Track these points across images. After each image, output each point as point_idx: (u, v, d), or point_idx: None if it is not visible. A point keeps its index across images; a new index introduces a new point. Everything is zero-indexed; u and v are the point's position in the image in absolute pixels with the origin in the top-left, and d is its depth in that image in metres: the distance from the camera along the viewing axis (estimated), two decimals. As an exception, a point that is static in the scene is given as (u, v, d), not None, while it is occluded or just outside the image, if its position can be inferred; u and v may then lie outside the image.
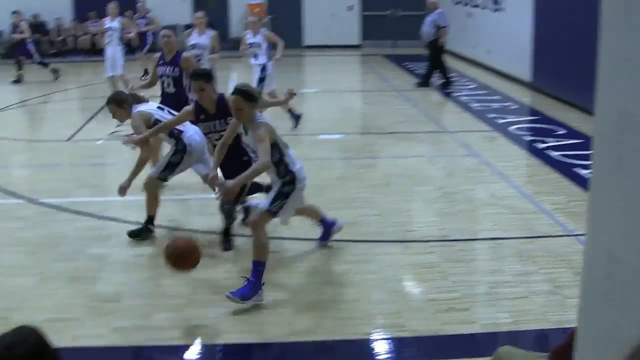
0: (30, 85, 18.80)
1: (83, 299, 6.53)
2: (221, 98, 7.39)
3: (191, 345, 5.81)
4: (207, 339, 5.87)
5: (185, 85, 9.53)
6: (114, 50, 15.90)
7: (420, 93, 17.17)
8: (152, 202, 7.87)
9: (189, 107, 7.70)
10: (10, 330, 2.75)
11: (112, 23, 16.08)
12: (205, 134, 7.59)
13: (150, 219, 7.88)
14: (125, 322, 6.11)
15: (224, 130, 7.07)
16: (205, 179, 7.38)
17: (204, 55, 12.09)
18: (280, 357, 5.59)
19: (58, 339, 5.80)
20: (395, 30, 25.72)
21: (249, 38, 13.05)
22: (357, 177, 10.17)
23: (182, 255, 5.99)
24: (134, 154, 7.97)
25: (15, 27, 20.05)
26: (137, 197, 7.94)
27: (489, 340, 5.64)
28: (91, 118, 14.54)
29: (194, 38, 12.37)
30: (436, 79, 17.74)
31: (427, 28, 17.53)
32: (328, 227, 7.56)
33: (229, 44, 21.86)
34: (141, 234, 7.83)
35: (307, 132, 13.09)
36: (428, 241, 7.73)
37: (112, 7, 16.26)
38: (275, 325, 5.98)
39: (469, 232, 8.09)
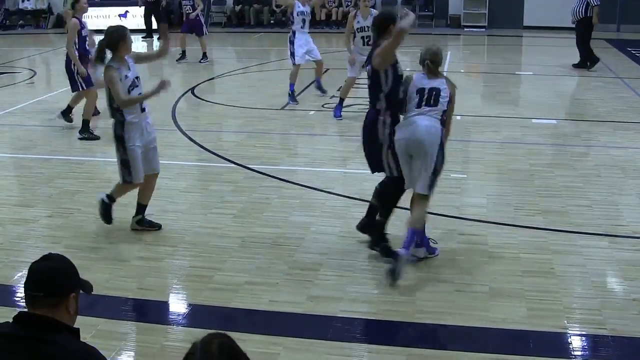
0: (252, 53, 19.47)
1: (283, 266, 6.76)
2: None
3: (381, 321, 5.91)
4: (399, 316, 5.93)
5: None
6: None
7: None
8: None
9: None
10: (199, 341, 2.65)
11: None
12: None
13: None
14: (320, 291, 6.30)
15: None
16: None
17: None
18: (469, 341, 5.54)
19: (255, 302, 6.11)
20: (621, 14, 24.58)
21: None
22: (567, 165, 9.83)
23: None
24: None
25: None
26: (344, 170, 8.05)
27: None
28: (305, 89, 14.90)
29: None
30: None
31: (576, 5, 16.80)
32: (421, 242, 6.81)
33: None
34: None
35: (520, 116, 12.81)
36: (637, 237, 7.38)
37: None
38: (472, 309, 5.95)
39: (683, 233, 7.63)
